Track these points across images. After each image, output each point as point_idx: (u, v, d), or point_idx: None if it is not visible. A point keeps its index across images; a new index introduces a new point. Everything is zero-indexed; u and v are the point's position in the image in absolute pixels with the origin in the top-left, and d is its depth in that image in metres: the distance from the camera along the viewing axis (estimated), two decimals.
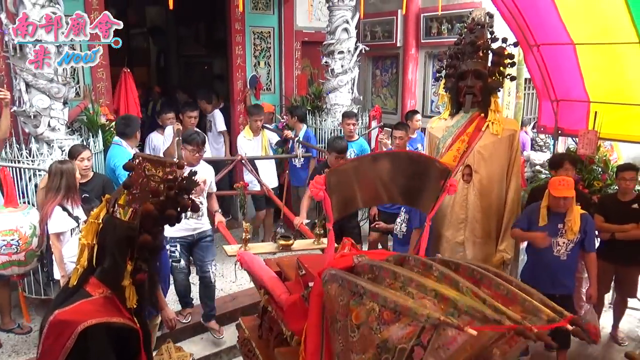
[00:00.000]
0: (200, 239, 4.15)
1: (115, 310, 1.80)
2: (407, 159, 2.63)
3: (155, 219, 1.76)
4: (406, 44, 7.31)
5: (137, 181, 1.79)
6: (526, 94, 6.98)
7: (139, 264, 1.79)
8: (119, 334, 1.79)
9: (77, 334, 1.71)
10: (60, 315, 1.76)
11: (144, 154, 1.91)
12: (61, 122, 4.42)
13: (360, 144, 5.65)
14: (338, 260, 2.20)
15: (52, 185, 3.50)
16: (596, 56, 4.43)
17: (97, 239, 1.82)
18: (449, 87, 4.35)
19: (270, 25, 7.06)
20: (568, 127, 4.99)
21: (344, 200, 2.44)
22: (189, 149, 3.93)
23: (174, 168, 1.82)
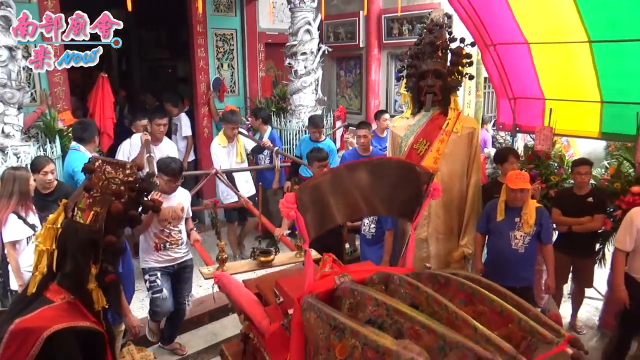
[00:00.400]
0: (181, 269, 3.94)
1: (79, 315, 1.77)
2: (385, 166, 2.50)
3: (120, 220, 1.75)
4: (369, 45, 7.41)
5: (97, 184, 1.77)
6: (486, 92, 7.18)
7: (104, 266, 1.77)
8: (85, 338, 1.76)
9: (43, 339, 1.67)
10: (21, 324, 1.71)
11: (103, 157, 1.89)
12: (16, 128, 4.29)
13: (327, 144, 5.68)
14: (318, 282, 2.06)
15: (4, 192, 3.39)
16: (549, 55, 4.60)
17: (56, 244, 1.79)
18: (410, 86, 4.44)
19: (233, 27, 7.02)
20: (525, 124, 5.16)
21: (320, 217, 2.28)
22: (165, 179, 3.68)
23: (133, 170, 1.81)
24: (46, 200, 3.71)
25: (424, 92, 4.24)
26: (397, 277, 1.92)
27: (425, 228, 4.17)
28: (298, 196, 2.05)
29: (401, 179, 2.44)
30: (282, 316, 2.33)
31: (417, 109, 4.41)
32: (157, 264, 3.78)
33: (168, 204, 3.69)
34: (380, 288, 2.00)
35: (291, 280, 2.51)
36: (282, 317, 2.31)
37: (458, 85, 4.34)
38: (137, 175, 1.82)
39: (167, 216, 3.69)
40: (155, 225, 3.68)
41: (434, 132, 4.22)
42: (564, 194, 4.39)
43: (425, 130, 4.26)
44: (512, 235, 3.79)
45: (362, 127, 5.12)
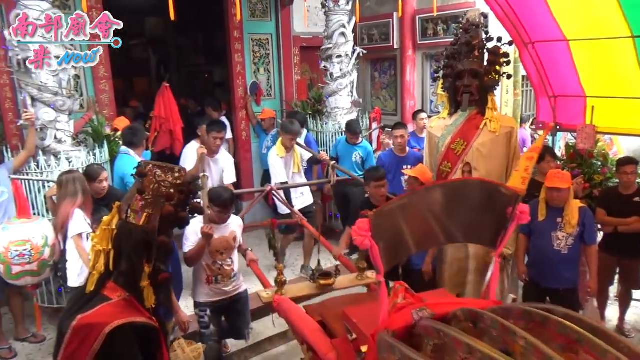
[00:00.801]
0: (234, 302, 3.68)
1: (135, 311, 1.88)
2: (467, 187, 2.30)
3: (171, 221, 1.85)
4: (403, 46, 7.39)
5: (148, 187, 1.87)
6: (524, 91, 7.05)
7: (157, 265, 1.87)
8: (142, 333, 1.86)
9: (105, 335, 1.78)
10: (83, 320, 1.83)
11: (152, 161, 1.99)
12: (67, 134, 4.50)
13: (365, 146, 5.73)
14: (394, 317, 1.85)
15: (68, 192, 3.60)
16: (590, 51, 4.50)
17: (112, 244, 1.90)
18: (446, 87, 4.43)
19: (268, 32, 7.15)
20: (566, 122, 5.05)
21: (394, 246, 2.08)
22: (217, 210, 3.43)
23: (182, 173, 1.90)
24: (98, 204, 3.90)
25: (460, 92, 4.23)
26: (488, 317, 1.66)
27: None
28: (373, 223, 1.89)
29: (484, 201, 2.23)
30: (354, 354, 2.13)
31: (454, 109, 4.40)
32: (208, 298, 3.56)
33: (219, 234, 3.46)
34: (467, 326, 1.76)
35: (361, 311, 2.28)
36: (354, 355, 2.12)
37: (495, 84, 4.30)
38: (185, 178, 1.91)
39: (218, 247, 3.46)
40: (207, 257, 3.46)
41: (471, 132, 4.21)
42: (609, 194, 4.29)
43: (462, 130, 4.25)
44: (554, 236, 3.73)
45: (399, 127, 5.13)
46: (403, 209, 2.06)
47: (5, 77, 5.08)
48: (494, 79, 4.26)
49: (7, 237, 3.59)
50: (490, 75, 4.23)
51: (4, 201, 4.06)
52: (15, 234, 3.60)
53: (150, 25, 11.21)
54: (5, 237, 3.60)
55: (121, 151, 4.66)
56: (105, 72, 5.69)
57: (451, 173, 4.27)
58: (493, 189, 2.27)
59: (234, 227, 3.60)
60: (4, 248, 3.56)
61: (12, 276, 3.65)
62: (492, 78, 4.25)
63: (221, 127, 4.82)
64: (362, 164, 5.66)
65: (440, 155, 4.35)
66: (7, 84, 5.11)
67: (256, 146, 6.96)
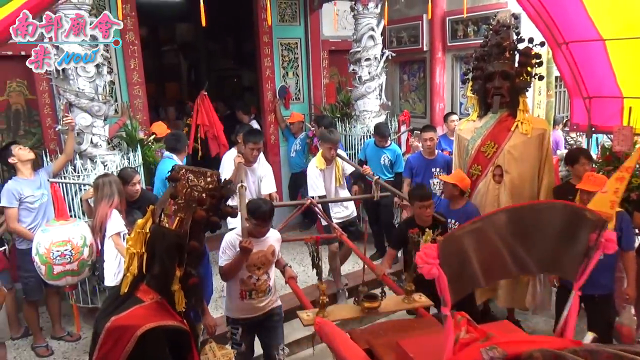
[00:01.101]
0: (268, 318, 3.47)
1: (167, 314, 1.92)
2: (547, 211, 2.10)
3: (203, 225, 1.88)
4: (433, 48, 7.33)
5: (181, 191, 1.91)
6: (557, 92, 6.89)
7: (188, 270, 1.90)
8: (173, 336, 1.90)
9: (137, 337, 1.82)
10: (117, 321, 1.87)
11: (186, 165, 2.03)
12: (102, 138, 4.64)
13: (394, 149, 5.70)
14: (459, 356, 1.69)
15: (105, 194, 3.71)
16: (627, 51, 4.37)
17: (145, 247, 1.94)
18: (476, 89, 4.39)
19: (297, 36, 7.19)
20: (602, 124, 4.92)
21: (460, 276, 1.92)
22: (254, 222, 3.21)
23: (214, 177, 1.93)
24: (131, 207, 4.00)
25: (491, 94, 4.19)
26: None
27: None
28: (441, 249, 1.76)
29: (565, 226, 2.04)
30: None
31: (484, 112, 4.34)
32: (241, 314, 3.39)
33: (257, 248, 3.25)
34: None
35: (417, 344, 2.08)
36: None
37: (527, 86, 4.24)
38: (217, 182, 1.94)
39: (256, 262, 3.28)
40: (243, 271, 3.27)
41: (502, 134, 4.15)
42: None
43: (493, 133, 4.19)
44: None
45: (428, 130, 5.09)
46: (474, 234, 1.91)
47: (44, 83, 5.27)
48: (525, 81, 4.19)
49: (49, 238, 3.72)
50: (521, 76, 4.17)
51: (43, 203, 4.21)
52: (55, 235, 3.73)
53: (181, 31, 11.44)
54: (46, 239, 3.72)
55: (165, 156, 4.80)
56: (139, 78, 5.84)
57: (481, 176, 4.21)
58: (577, 213, 2.08)
59: (273, 241, 3.40)
60: (45, 249, 3.69)
61: (53, 276, 3.77)
62: (524, 79, 4.18)
63: (258, 137, 4.56)
64: (391, 166, 5.63)
65: (470, 158, 4.30)
66: (45, 90, 5.30)
67: (284, 150, 7.01)
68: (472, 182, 4.25)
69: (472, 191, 4.29)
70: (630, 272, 3.67)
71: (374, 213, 5.72)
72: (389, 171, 5.64)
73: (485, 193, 4.17)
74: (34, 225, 4.14)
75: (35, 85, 5.32)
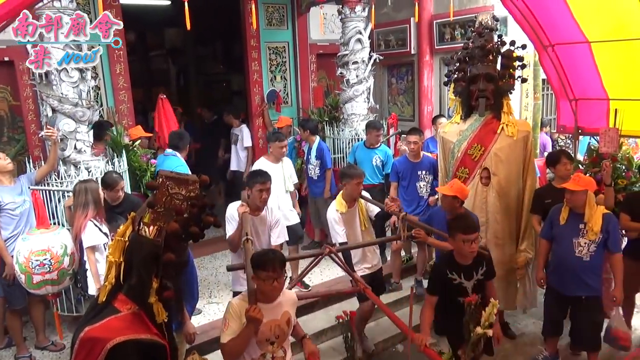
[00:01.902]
0: None
1: (143, 326, 1.86)
2: None
3: (180, 236, 1.82)
4: (420, 51, 7.34)
5: (161, 199, 1.86)
6: (544, 94, 6.92)
7: (164, 282, 1.84)
8: (147, 350, 1.84)
9: (107, 350, 1.77)
10: (90, 332, 1.82)
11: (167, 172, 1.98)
12: (87, 144, 4.56)
13: (385, 150, 5.67)
14: None
15: (79, 202, 3.66)
16: (612, 53, 4.39)
17: (123, 256, 1.89)
18: (459, 91, 4.39)
19: (285, 39, 7.18)
20: (588, 125, 4.95)
21: None
22: (263, 275, 2.54)
23: (196, 185, 1.88)
24: (113, 212, 3.94)
25: (475, 96, 4.20)
26: None
27: (484, 234, 4.10)
28: None
29: None
30: None
31: (466, 114, 4.36)
32: None
33: (269, 316, 2.60)
34: None
35: None
36: None
37: (510, 88, 4.25)
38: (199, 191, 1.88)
39: (268, 335, 2.63)
40: (252, 349, 2.62)
41: (488, 137, 4.16)
42: (633, 198, 4.17)
43: (479, 135, 4.20)
44: (576, 243, 3.62)
45: (413, 133, 5.05)
46: None
47: (28, 89, 5.20)
48: (508, 83, 4.20)
49: (28, 247, 3.65)
50: (504, 79, 4.18)
51: (25, 210, 4.13)
52: (35, 244, 3.66)
53: (170, 36, 11.38)
54: (25, 247, 3.66)
55: (166, 153, 4.89)
56: (124, 83, 5.79)
57: (469, 179, 4.21)
58: None
59: (288, 307, 2.74)
60: (24, 258, 3.63)
61: (33, 285, 3.70)
62: (507, 82, 4.20)
63: (265, 177, 3.76)
64: (382, 167, 5.61)
65: (457, 161, 4.29)
66: (29, 96, 5.23)
67: None
68: None
69: None
70: (617, 274, 3.66)
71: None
72: (380, 172, 5.61)
73: (474, 196, 4.17)
74: (17, 232, 4.06)
75: (19, 91, 5.25)
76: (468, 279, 3.19)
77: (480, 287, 3.25)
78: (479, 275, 3.22)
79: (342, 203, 4.10)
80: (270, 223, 3.86)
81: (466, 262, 3.18)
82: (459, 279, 3.16)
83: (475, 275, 3.21)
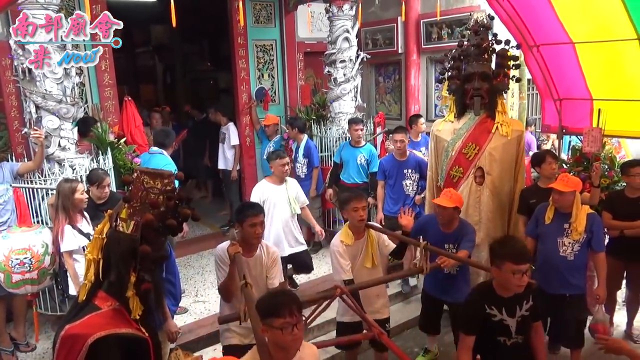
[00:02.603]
0: None
1: (124, 322, 1.85)
2: None
3: (156, 229, 1.81)
4: (407, 50, 7.37)
5: (136, 194, 1.85)
6: (529, 94, 6.98)
7: (141, 275, 1.83)
8: (129, 344, 1.83)
9: (88, 346, 1.76)
10: (70, 330, 1.81)
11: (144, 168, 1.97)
12: (71, 141, 4.51)
13: (369, 149, 5.69)
14: None
15: (57, 205, 3.64)
16: (596, 54, 4.44)
17: (102, 253, 1.88)
18: (453, 89, 4.39)
19: (272, 37, 7.15)
20: (572, 125, 5.00)
21: None
22: (278, 324, 1.99)
23: (171, 179, 1.87)
24: (99, 209, 3.90)
25: (469, 95, 4.21)
26: None
27: (478, 234, 4.12)
28: None
29: None
30: None
31: (460, 112, 4.37)
32: None
33: None
34: None
35: None
36: None
37: (505, 88, 4.28)
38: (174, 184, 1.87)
39: None
40: None
41: (483, 136, 4.18)
42: (615, 197, 4.22)
43: (474, 135, 4.21)
44: (560, 242, 3.66)
45: (399, 131, 5.06)
46: None
47: (11, 86, 5.11)
48: (503, 82, 4.23)
49: (8, 246, 3.60)
50: (498, 78, 4.20)
51: (6, 201, 4.06)
52: (15, 242, 3.61)
53: (156, 33, 11.29)
54: (5, 246, 3.60)
55: (153, 151, 4.85)
56: (109, 80, 5.72)
57: (463, 178, 4.23)
58: None
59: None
60: (4, 256, 3.57)
61: (12, 284, 3.65)
62: (501, 81, 4.22)
63: (258, 209, 3.22)
64: (367, 166, 5.62)
65: (451, 160, 4.30)
66: (12, 92, 5.14)
67: (260, 152, 6.96)
68: (454, 183, 4.27)
69: None
70: (601, 272, 3.71)
71: None
72: (365, 171, 5.62)
73: (468, 195, 4.20)
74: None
75: (2, 87, 5.16)
76: (511, 315, 2.68)
77: (525, 327, 2.74)
78: (523, 311, 2.71)
79: (348, 234, 3.51)
80: (266, 264, 3.25)
81: (508, 293, 2.68)
82: (500, 314, 2.66)
83: (520, 310, 2.70)
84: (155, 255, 1.85)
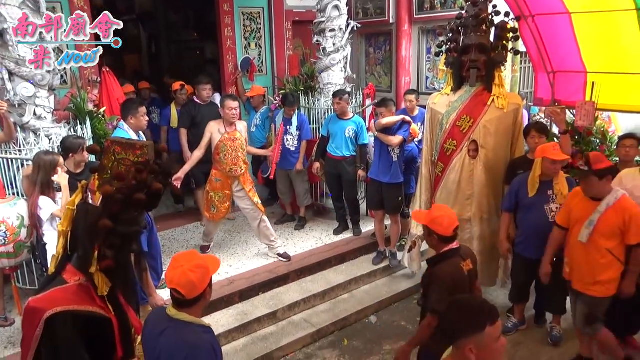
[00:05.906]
0: None
1: (87, 298, 1.75)
2: None
3: (121, 203, 1.68)
4: (399, 20, 7.18)
5: (107, 165, 1.72)
6: (522, 67, 6.86)
7: (103, 251, 1.72)
8: (88, 323, 1.73)
9: (44, 321, 1.68)
10: (32, 303, 1.74)
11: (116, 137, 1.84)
12: (47, 110, 4.32)
13: (357, 120, 5.53)
14: None
15: (32, 178, 3.48)
16: (592, 25, 4.33)
17: (71, 225, 1.76)
18: (450, 62, 4.31)
19: (260, 5, 6.92)
20: (565, 99, 4.90)
21: None
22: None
23: (145, 151, 1.74)
24: (76, 179, 3.74)
25: (466, 67, 4.13)
26: None
27: (469, 208, 4.10)
28: None
29: None
30: None
31: (458, 85, 4.28)
32: None
33: None
34: None
35: None
36: None
37: (503, 60, 4.20)
38: (148, 156, 1.75)
39: None
40: None
41: (478, 109, 4.11)
42: None
43: (469, 107, 4.15)
44: (547, 209, 3.70)
45: (382, 105, 4.90)
46: None
47: None
48: (501, 55, 4.14)
49: None
50: (496, 50, 4.11)
51: None
52: None
53: (140, 1, 10.91)
54: None
55: (120, 126, 4.51)
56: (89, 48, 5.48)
57: (456, 151, 4.16)
58: None
59: None
60: None
61: None
62: (500, 53, 4.13)
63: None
64: (356, 138, 5.49)
65: (445, 133, 4.23)
66: None
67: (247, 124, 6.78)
68: (447, 157, 4.21)
69: (446, 167, 4.22)
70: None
71: (338, 188, 5.62)
72: (353, 143, 5.48)
73: (461, 169, 4.14)
74: None
75: None
76: None
77: None
78: None
79: None
80: None
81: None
82: None
83: None
84: (123, 230, 1.71)
